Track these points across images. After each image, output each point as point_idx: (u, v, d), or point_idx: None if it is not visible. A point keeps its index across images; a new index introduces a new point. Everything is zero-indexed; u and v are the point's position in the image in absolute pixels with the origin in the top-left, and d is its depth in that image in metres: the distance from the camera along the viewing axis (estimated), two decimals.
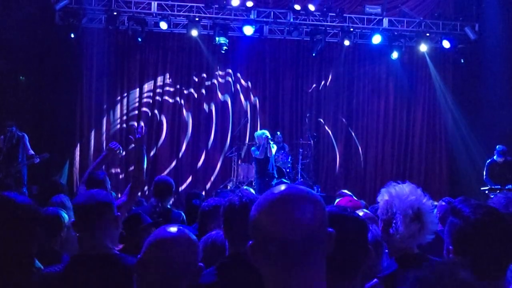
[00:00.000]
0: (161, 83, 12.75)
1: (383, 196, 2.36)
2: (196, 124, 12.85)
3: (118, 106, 12.52)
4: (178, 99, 12.80)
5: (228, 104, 13.00)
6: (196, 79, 12.89)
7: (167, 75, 12.77)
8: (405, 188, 2.33)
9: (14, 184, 8.50)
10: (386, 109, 13.44)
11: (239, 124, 12.43)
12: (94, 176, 4.29)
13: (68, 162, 12.01)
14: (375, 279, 2.17)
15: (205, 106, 12.92)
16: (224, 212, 2.32)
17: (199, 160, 12.77)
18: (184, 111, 12.84)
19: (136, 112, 12.62)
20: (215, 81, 12.95)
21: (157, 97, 12.72)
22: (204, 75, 12.91)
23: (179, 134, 12.76)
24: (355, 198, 4.17)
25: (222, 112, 12.98)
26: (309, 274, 1.23)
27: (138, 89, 12.63)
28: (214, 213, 3.62)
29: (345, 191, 5.75)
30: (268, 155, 9.80)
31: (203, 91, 12.90)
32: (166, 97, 12.76)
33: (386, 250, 2.41)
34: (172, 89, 12.80)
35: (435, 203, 4.06)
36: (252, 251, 1.29)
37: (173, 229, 1.80)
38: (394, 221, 2.25)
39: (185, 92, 12.85)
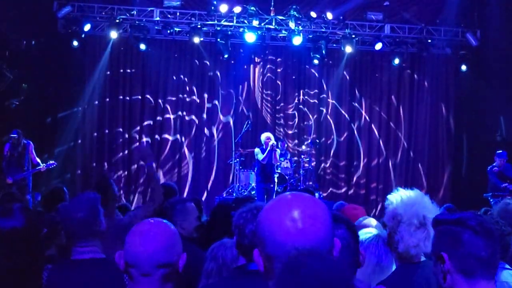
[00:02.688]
0: (163, 91, 12.76)
1: (390, 203, 2.35)
2: (199, 131, 12.85)
3: (120, 112, 12.54)
4: (180, 106, 12.81)
5: (230, 111, 13.00)
6: (199, 86, 12.91)
7: (169, 83, 12.79)
8: (411, 196, 2.32)
9: (19, 192, 8.52)
10: (388, 115, 13.42)
11: (241, 131, 12.42)
12: (103, 180, 4.48)
13: (70, 168, 12.03)
14: (382, 287, 2.16)
15: (208, 113, 12.91)
16: (236, 225, 2.31)
17: (201, 168, 12.77)
18: (187, 118, 12.84)
19: (138, 118, 12.63)
20: (218, 88, 12.95)
21: (159, 105, 12.74)
22: (207, 82, 12.93)
23: (181, 140, 12.76)
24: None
25: (225, 118, 12.98)
26: None
27: (140, 96, 12.65)
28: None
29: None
30: (273, 162, 9.77)
31: (206, 98, 12.91)
32: (169, 103, 12.77)
33: None
34: (174, 96, 12.81)
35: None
36: (259, 257, 1.28)
37: (151, 220, 1.85)
38: (399, 229, 2.25)
39: (187, 99, 12.86)
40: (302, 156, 12.10)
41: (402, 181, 12.98)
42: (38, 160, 9.19)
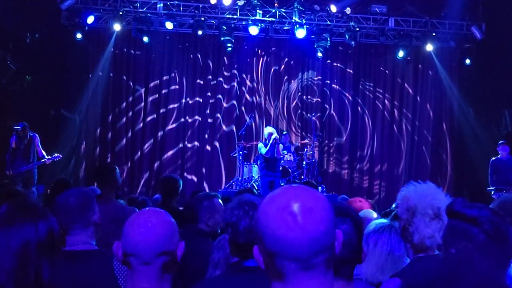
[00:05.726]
0: (167, 83, 12.76)
1: (403, 195, 2.34)
2: (202, 124, 12.85)
3: (124, 104, 12.54)
4: (183, 99, 12.81)
5: (233, 104, 13.00)
6: (202, 79, 12.90)
7: (173, 75, 12.78)
8: (425, 188, 2.32)
9: (24, 184, 8.56)
10: (392, 109, 13.40)
11: (244, 123, 12.41)
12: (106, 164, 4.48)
13: (73, 160, 12.05)
14: (397, 279, 2.15)
15: (211, 106, 12.90)
16: (229, 223, 2.29)
17: (204, 161, 12.77)
18: (190, 111, 12.84)
19: (142, 111, 12.64)
20: (221, 81, 12.94)
21: (163, 97, 12.74)
22: (210, 75, 12.91)
23: (184, 134, 12.76)
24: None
25: (228, 112, 12.97)
26: (317, 279, 1.20)
27: (143, 88, 12.64)
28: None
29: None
30: (276, 155, 9.77)
31: (209, 92, 12.90)
32: (172, 97, 12.76)
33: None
34: (177, 89, 12.80)
35: None
36: (259, 254, 1.25)
37: (148, 209, 1.86)
38: (414, 220, 2.24)
39: (191, 91, 12.85)
40: (305, 149, 12.09)
41: (405, 174, 13.02)
42: (44, 152, 9.21)
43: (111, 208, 3.84)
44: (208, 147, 12.82)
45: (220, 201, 3.76)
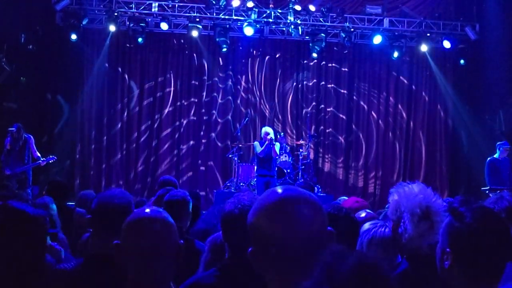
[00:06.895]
0: (162, 84, 12.75)
1: (392, 196, 2.35)
2: (197, 125, 12.85)
3: (119, 106, 12.53)
4: (178, 100, 12.80)
5: (229, 105, 13.00)
6: (197, 79, 12.89)
7: (168, 76, 12.78)
8: (414, 188, 2.31)
9: (19, 185, 8.54)
10: (387, 109, 13.43)
11: (239, 125, 12.42)
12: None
13: (68, 162, 12.03)
14: None
15: (206, 107, 12.90)
16: (222, 221, 2.30)
17: (199, 162, 12.76)
18: (185, 112, 12.84)
19: (137, 113, 12.62)
20: (216, 82, 12.94)
21: (158, 98, 12.72)
22: (205, 75, 12.91)
23: (180, 135, 12.76)
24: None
25: (223, 113, 12.97)
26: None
27: (138, 90, 12.63)
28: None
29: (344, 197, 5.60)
30: (273, 155, 9.78)
31: (204, 92, 12.89)
32: (167, 98, 12.76)
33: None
34: (172, 90, 12.80)
35: None
36: (253, 257, 1.26)
37: (147, 210, 1.80)
38: (402, 221, 2.25)
39: (186, 92, 12.85)
40: (301, 150, 12.10)
41: (400, 174, 13.07)
42: (39, 154, 9.21)
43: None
44: (204, 148, 12.79)
45: None
